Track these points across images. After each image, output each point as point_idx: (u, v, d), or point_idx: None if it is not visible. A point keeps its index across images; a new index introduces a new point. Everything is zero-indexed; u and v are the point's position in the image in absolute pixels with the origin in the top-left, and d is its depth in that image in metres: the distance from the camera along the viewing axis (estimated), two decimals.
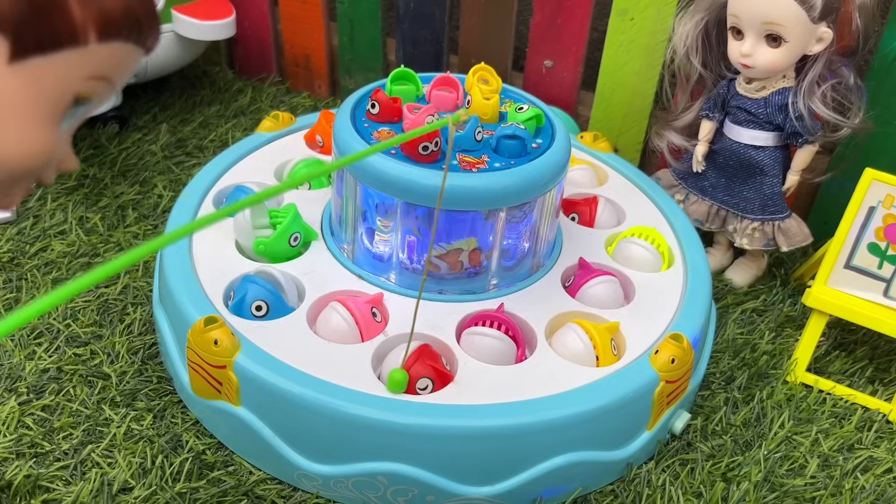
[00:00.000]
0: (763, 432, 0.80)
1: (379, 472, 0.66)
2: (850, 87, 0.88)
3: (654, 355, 0.72)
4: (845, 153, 0.99)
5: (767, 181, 0.92)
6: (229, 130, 1.21)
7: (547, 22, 1.11)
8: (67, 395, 0.77)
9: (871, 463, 0.78)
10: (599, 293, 0.79)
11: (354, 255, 0.80)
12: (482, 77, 0.82)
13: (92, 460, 0.71)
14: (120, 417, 0.75)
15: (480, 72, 0.82)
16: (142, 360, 0.81)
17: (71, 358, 0.81)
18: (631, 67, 1.07)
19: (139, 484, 0.69)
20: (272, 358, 0.68)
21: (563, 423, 0.67)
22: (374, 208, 0.75)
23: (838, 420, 0.83)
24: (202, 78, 1.35)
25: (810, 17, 0.82)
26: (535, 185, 0.73)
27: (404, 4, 1.20)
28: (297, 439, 0.68)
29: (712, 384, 0.85)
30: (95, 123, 1.16)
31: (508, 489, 0.68)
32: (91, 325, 0.85)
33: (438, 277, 0.77)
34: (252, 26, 1.33)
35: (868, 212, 0.83)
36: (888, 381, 0.88)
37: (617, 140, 1.14)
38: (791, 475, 0.76)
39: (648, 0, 1.01)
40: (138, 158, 1.13)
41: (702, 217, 0.99)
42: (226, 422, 0.72)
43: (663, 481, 0.73)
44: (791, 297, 0.98)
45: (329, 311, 0.73)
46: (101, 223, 0.99)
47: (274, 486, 0.71)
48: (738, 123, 0.92)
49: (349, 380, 0.67)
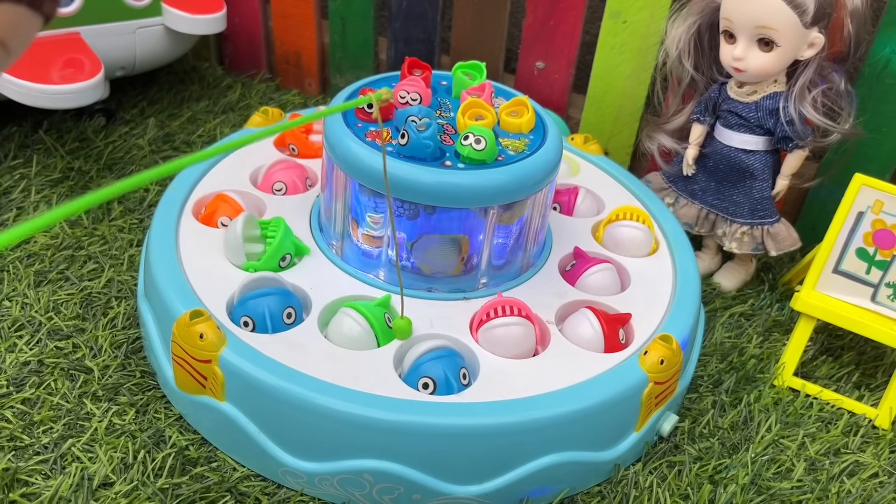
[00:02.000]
0: (750, 435, 0.80)
1: (365, 469, 0.65)
2: (840, 92, 0.89)
3: (644, 356, 0.71)
4: (834, 159, 1.00)
5: (757, 185, 0.93)
6: (217, 126, 1.20)
7: (539, 23, 1.11)
8: (48, 388, 0.76)
9: (858, 467, 0.78)
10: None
11: (343, 252, 0.79)
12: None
13: (72, 454, 0.70)
14: (102, 412, 0.74)
15: (473, 109, 0.76)
16: (125, 355, 0.80)
17: (52, 351, 0.79)
18: (623, 70, 1.07)
19: (120, 479, 0.68)
20: (258, 353, 0.67)
21: (551, 423, 0.66)
22: (364, 204, 0.75)
23: (825, 424, 0.83)
24: (191, 73, 1.33)
25: (802, 23, 0.83)
26: (527, 184, 0.73)
27: (397, 3, 1.20)
28: (282, 435, 0.67)
29: (700, 387, 0.85)
30: (82, 116, 1.15)
31: (495, 489, 0.67)
32: (74, 318, 0.83)
33: (428, 275, 0.77)
34: (243, 22, 1.32)
35: (857, 217, 0.83)
36: (874, 386, 0.88)
37: (607, 143, 1.14)
38: (778, 478, 0.76)
39: (641, 3, 1.01)
40: (125, 152, 1.11)
41: (691, 220, 0.99)
42: (210, 417, 0.71)
43: (651, 483, 0.73)
44: (779, 301, 0.99)
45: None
46: (86, 216, 0.98)
47: (258, 483, 0.70)
48: (728, 127, 0.92)
49: (335, 376, 0.66)
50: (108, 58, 1.08)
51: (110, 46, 1.08)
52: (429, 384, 0.67)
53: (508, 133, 0.77)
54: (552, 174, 0.76)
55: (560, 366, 0.70)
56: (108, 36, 1.08)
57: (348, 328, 0.70)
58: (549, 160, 0.75)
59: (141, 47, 1.12)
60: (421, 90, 0.77)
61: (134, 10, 1.09)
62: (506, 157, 0.73)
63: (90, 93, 0.95)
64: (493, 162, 0.72)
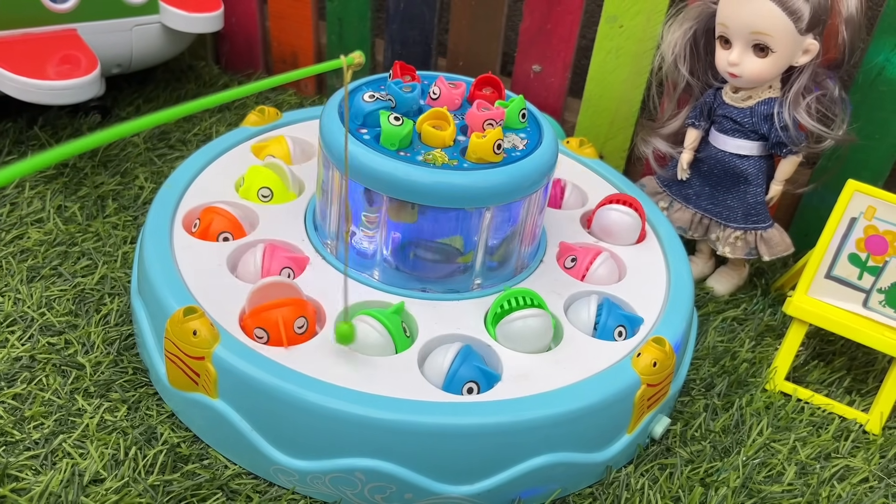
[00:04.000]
0: (742, 439, 0.80)
1: (357, 468, 0.65)
2: (834, 99, 0.89)
3: (636, 358, 0.71)
4: (827, 165, 1.00)
5: (751, 190, 0.93)
6: (213, 125, 1.20)
7: (536, 26, 1.11)
8: (40, 384, 0.75)
9: (848, 472, 0.79)
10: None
11: (337, 252, 0.79)
12: (436, 124, 0.74)
13: (63, 450, 0.70)
14: (93, 408, 0.74)
15: (434, 119, 0.73)
16: (117, 351, 0.80)
17: (44, 347, 0.79)
18: (619, 74, 1.08)
19: (111, 475, 0.68)
20: (251, 350, 0.67)
21: (543, 424, 0.66)
22: (360, 204, 0.75)
23: (816, 429, 0.83)
24: (188, 72, 1.33)
25: (798, 29, 0.83)
26: (523, 185, 0.73)
27: (394, 5, 1.20)
28: (274, 433, 0.67)
29: (692, 390, 0.85)
30: (77, 113, 1.15)
31: (487, 489, 0.67)
32: (66, 314, 0.83)
33: (423, 275, 0.77)
34: (240, 22, 1.32)
35: (850, 222, 0.83)
36: (865, 391, 0.89)
37: (603, 146, 1.14)
38: (769, 482, 0.76)
39: (638, 7, 1.02)
40: (120, 149, 1.11)
41: (685, 225, 0.99)
42: (202, 414, 0.71)
43: (642, 485, 0.73)
44: (771, 306, 0.99)
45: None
46: (80, 212, 0.97)
47: (249, 481, 0.70)
48: (723, 132, 0.93)
49: (328, 373, 0.66)
50: (105, 55, 1.07)
51: (107, 43, 1.08)
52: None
53: (431, 147, 0.73)
54: (548, 175, 0.76)
55: (553, 367, 0.70)
56: (104, 33, 1.08)
57: (365, 335, 0.69)
58: (546, 161, 0.75)
59: (137, 45, 1.12)
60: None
61: (131, 7, 1.09)
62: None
63: (86, 89, 0.95)
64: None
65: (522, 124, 0.78)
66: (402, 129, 0.71)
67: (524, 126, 0.78)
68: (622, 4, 1.03)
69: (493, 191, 0.71)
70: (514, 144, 0.75)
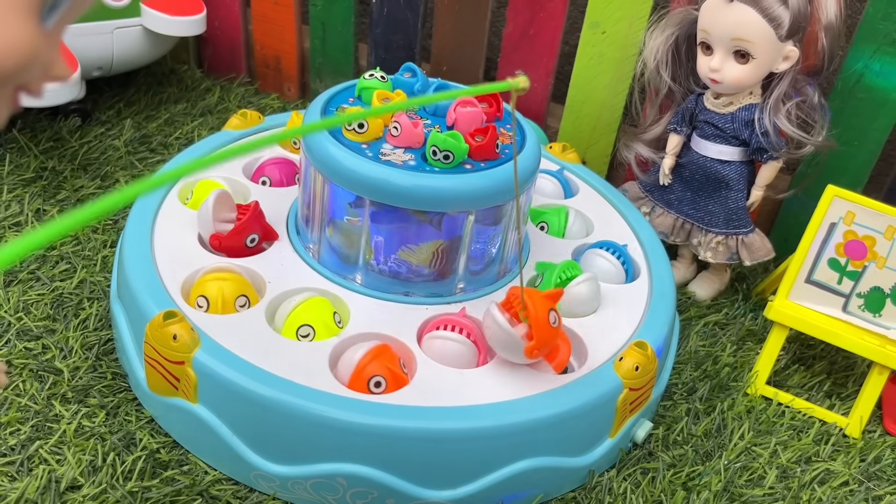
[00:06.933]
0: (723, 443, 0.81)
1: (338, 473, 0.65)
2: (814, 105, 0.90)
3: (619, 362, 0.72)
4: (807, 171, 1.01)
5: (732, 195, 0.94)
6: (195, 129, 1.20)
7: (519, 32, 1.11)
8: (16, 389, 0.74)
9: (828, 475, 0.79)
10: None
11: (320, 256, 0.79)
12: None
13: (40, 457, 0.69)
14: (71, 414, 0.73)
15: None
16: (96, 356, 0.79)
17: (21, 352, 0.78)
18: (601, 80, 1.08)
19: (88, 482, 0.67)
20: (231, 354, 0.66)
21: (525, 428, 0.66)
22: (343, 208, 0.75)
23: (796, 433, 0.84)
24: (169, 75, 1.33)
25: (778, 36, 0.84)
26: (505, 189, 0.73)
27: (378, 9, 1.20)
28: (255, 438, 0.67)
29: (674, 395, 0.85)
30: (57, 116, 1.14)
31: (470, 493, 0.67)
32: (44, 318, 0.82)
33: (405, 279, 0.77)
34: (222, 25, 1.32)
35: (829, 227, 0.84)
36: (845, 395, 0.89)
37: (585, 152, 1.14)
38: (750, 485, 0.77)
39: (620, 14, 1.02)
40: (100, 153, 1.10)
41: (667, 230, 0.99)
42: (182, 419, 0.70)
43: (624, 489, 0.73)
44: (752, 311, 1.00)
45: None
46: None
47: (230, 487, 0.69)
48: (705, 138, 0.93)
49: (308, 378, 0.65)
50: (85, 57, 1.07)
51: (87, 46, 1.07)
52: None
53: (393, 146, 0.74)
54: (531, 180, 0.76)
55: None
56: (85, 35, 1.07)
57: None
58: (528, 166, 0.75)
59: (119, 48, 1.12)
60: None
61: (112, 10, 1.08)
62: (474, 166, 0.73)
63: (65, 91, 0.94)
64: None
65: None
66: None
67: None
68: (605, 11, 1.03)
69: (475, 195, 0.71)
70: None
